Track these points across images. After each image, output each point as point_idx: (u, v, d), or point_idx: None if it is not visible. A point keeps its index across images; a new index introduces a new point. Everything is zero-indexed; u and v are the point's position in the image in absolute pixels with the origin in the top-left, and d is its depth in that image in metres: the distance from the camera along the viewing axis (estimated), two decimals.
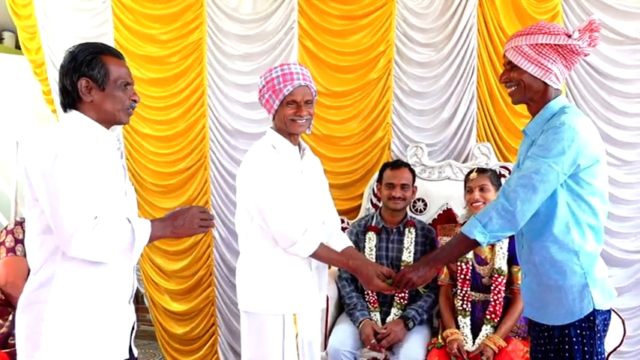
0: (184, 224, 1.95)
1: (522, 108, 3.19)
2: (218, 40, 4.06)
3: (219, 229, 4.18)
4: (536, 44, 2.09)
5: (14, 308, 2.87)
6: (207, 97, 4.11)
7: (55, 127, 1.93)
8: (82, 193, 1.80)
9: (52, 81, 4.32)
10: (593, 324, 2.03)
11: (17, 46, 5.03)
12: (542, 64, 2.09)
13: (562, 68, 2.11)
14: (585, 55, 2.13)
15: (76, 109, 1.97)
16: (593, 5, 3.51)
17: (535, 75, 2.10)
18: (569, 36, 2.06)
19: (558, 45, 2.07)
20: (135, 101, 2.04)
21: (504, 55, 2.20)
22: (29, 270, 2.87)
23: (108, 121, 2.01)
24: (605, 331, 2.10)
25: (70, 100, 1.97)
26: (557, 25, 2.17)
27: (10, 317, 2.92)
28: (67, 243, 1.79)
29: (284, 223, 2.35)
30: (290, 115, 2.43)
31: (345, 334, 3.19)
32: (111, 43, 4.05)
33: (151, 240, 1.90)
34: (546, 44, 2.07)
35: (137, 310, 2.19)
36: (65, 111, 2.00)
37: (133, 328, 2.07)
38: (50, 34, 4.29)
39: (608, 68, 3.57)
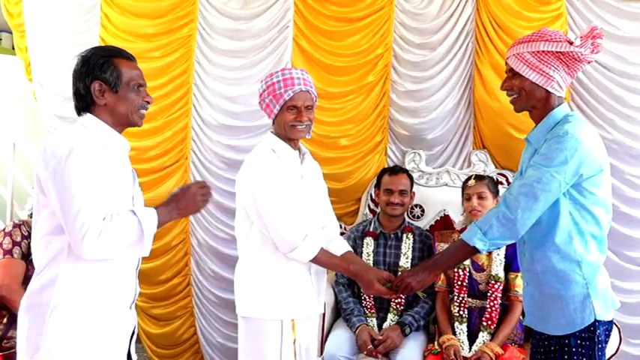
0: (188, 204, 2.00)
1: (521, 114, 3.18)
2: (207, 36, 3.97)
3: (197, 235, 4.05)
4: (538, 51, 2.08)
5: (8, 311, 2.85)
6: (193, 94, 3.99)
7: (67, 129, 1.94)
8: (89, 194, 1.80)
9: (34, 79, 4.22)
10: (594, 334, 2.02)
11: (14, 47, 5.00)
12: (543, 72, 2.09)
13: (564, 75, 2.10)
14: (588, 62, 2.13)
15: (90, 113, 1.99)
16: (599, 6, 3.41)
17: (537, 82, 2.10)
18: (571, 43, 2.06)
19: (560, 52, 2.07)
20: (148, 102, 2.06)
21: (506, 63, 2.20)
22: (25, 273, 2.88)
23: (122, 123, 2.02)
24: (606, 342, 2.09)
25: (84, 103, 1.99)
26: (559, 32, 2.16)
27: (5, 320, 2.89)
28: (78, 249, 1.81)
29: (284, 228, 2.34)
30: (290, 120, 2.42)
31: (341, 339, 3.17)
32: (95, 39, 3.99)
33: (159, 226, 1.93)
34: (548, 51, 2.07)
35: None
36: (79, 114, 2.01)
37: (133, 333, 2.06)
38: (34, 31, 4.18)
39: (617, 65, 3.41)
